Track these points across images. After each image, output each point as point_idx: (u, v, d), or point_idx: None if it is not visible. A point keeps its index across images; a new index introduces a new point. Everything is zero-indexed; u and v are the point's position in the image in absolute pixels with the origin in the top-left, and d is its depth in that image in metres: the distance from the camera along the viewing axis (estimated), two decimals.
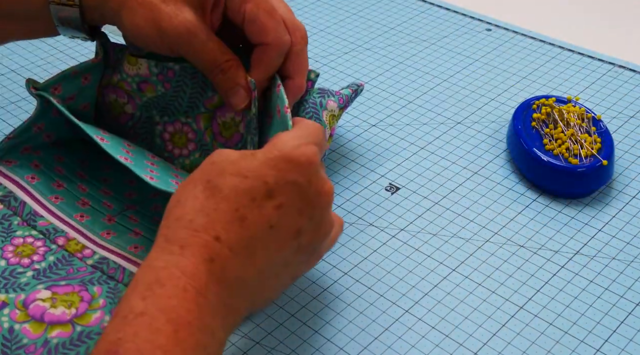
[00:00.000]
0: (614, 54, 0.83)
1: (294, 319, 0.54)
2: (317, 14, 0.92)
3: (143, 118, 0.61)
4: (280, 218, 0.45)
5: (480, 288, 0.56)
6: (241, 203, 0.44)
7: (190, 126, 0.60)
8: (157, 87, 0.59)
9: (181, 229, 0.44)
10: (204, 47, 0.54)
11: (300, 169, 0.46)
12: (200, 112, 0.59)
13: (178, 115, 0.60)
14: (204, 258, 0.43)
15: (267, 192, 0.45)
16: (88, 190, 0.58)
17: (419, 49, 0.85)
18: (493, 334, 0.53)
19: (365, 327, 0.54)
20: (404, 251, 0.60)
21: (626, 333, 0.53)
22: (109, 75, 0.60)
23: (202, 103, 0.59)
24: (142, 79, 0.59)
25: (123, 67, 0.59)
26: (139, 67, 0.59)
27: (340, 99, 0.62)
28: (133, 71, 0.59)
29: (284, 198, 0.45)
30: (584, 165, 0.63)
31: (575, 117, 0.67)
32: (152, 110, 0.61)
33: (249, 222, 0.44)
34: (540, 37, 0.87)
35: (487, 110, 0.75)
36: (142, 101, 0.60)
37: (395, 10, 0.93)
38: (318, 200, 0.47)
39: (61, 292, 0.50)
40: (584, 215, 0.63)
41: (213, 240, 0.43)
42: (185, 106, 0.60)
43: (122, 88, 0.60)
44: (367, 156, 0.69)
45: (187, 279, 0.42)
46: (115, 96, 0.60)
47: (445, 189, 0.66)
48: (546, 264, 0.58)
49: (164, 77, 0.59)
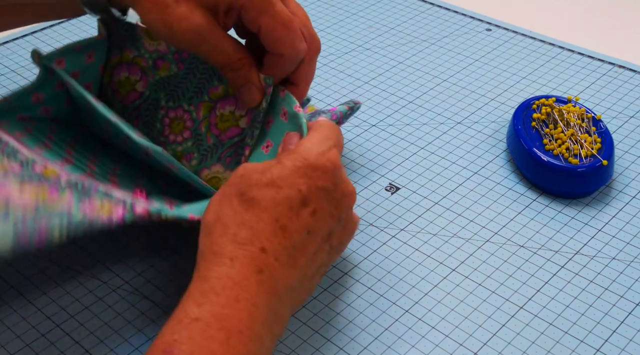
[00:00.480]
0: (614, 54, 0.83)
1: (294, 319, 0.54)
2: (317, 14, 0.92)
3: (150, 99, 0.61)
4: (315, 223, 0.48)
5: (480, 288, 0.56)
6: (280, 213, 0.46)
7: (191, 115, 0.60)
8: (172, 66, 0.59)
9: (227, 243, 0.45)
10: (214, 49, 0.53)
11: (327, 175, 0.48)
12: (204, 100, 0.59)
13: (182, 101, 0.60)
14: (253, 270, 0.45)
15: (302, 200, 0.47)
16: (74, 162, 0.56)
17: (419, 49, 0.85)
18: (493, 334, 0.53)
19: (365, 327, 0.54)
20: (404, 251, 0.60)
21: (626, 333, 0.53)
22: (117, 54, 0.60)
23: (206, 91, 0.59)
24: (159, 55, 0.59)
25: (142, 43, 0.59)
26: (159, 43, 0.59)
27: (333, 116, 0.63)
28: (153, 47, 0.59)
29: (317, 204, 0.48)
30: (584, 165, 0.63)
31: (575, 117, 0.67)
32: (160, 92, 0.60)
33: (290, 231, 0.46)
34: (540, 37, 0.87)
35: (487, 110, 0.75)
36: (154, 79, 0.60)
37: (395, 10, 0.93)
38: (344, 201, 0.49)
39: (28, 186, 0.48)
40: (584, 215, 0.63)
41: (259, 252, 0.45)
42: (192, 91, 0.60)
43: (138, 64, 0.60)
44: (367, 156, 0.69)
45: (239, 289, 0.44)
46: (127, 74, 0.60)
47: (445, 189, 0.66)
48: (546, 264, 0.58)
49: (179, 57, 0.59)
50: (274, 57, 0.55)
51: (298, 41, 0.54)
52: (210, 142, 0.58)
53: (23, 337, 0.53)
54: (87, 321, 0.54)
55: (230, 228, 0.46)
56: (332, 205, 0.48)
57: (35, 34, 0.88)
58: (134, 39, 0.60)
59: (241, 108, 0.58)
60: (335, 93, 0.78)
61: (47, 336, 0.53)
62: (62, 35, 0.88)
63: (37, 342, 0.52)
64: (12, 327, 0.53)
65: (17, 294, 0.56)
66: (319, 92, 0.78)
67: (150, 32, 0.59)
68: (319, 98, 0.77)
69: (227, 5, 0.53)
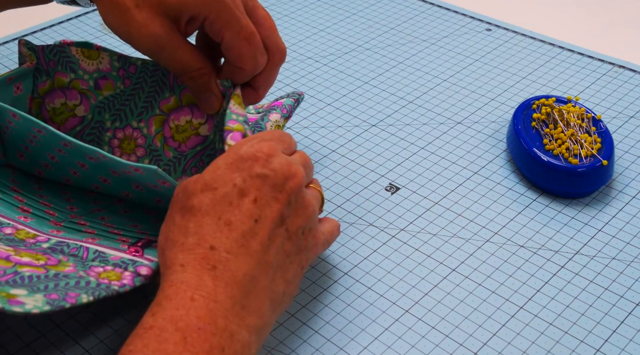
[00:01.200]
0: (614, 54, 0.83)
1: (294, 319, 0.54)
2: (317, 14, 0.92)
3: (93, 123, 0.59)
4: (260, 210, 0.47)
5: (480, 288, 0.56)
6: (221, 211, 0.47)
7: (141, 131, 0.58)
8: (117, 84, 0.58)
9: (177, 253, 0.46)
10: (173, 58, 0.54)
11: (259, 163, 0.48)
12: (155, 114, 0.58)
13: (130, 119, 0.59)
14: (205, 268, 0.45)
15: (239, 192, 0.47)
16: (31, 211, 0.56)
17: (419, 49, 0.85)
18: (493, 334, 0.53)
19: (365, 327, 0.54)
20: (404, 251, 0.60)
21: (626, 333, 0.53)
22: (45, 81, 0.58)
23: (157, 104, 0.58)
24: (101, 74, 0.58)
25: (79, 64, 0.58)
26: (100, 61, 0.57)
27: (283, 110, 0.64)
28: (92, 66, 0.58)
29: (256, 192, 0.48)
30: (584, 165, 0.63)
31: (575, 117, 0.67)
32: (105, 114, 0.59)
33: (235, 223, 0.47)
34: (540, 37, 0.87)
35: (487, 110, 0.75)
36: (96, 101, 0.58)
37: (395, 10, 0.93)
38: (288, 184, 0.49)
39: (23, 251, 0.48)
40: (584, 215, 0.63)
41: (209, 251, 0.46)
42: (140, 107, 0.58)
43: (76, 88, 0.58)
44: (367, 156, 0.69)
45: (194, 289, 0.44)
46: (64, 99, 0.58)
47: (445, 189, 0.66)
48: (546, 264, 0.58)
49: (125, 73, 0.58)
50: (234, 70, 0.55)
51: (259, 55, 0.55)
52: (170, 155, 0.57)
53: (23, 337, 0.53)
54: (87, 321, 0.54)
55: (178, 240, 0.47)
56: (275, 190, 0.48)
57: (35, 33, 0.88)
58: (68, 62, 0.58)
59: (199, 117, 0.58)
60: (335, 93, 0.78)
61: (47, 336, 0.53)
62: (62, 35, 0.88)
63: (37, 342, 0.52)
64: (12, 327, 0.53)
65: None
66: (319, 92, 0.78)
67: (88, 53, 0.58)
68: (319, 98, 0.77)
69: (190, 16, 0.53)
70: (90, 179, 0.56)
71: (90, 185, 0.57)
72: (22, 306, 0.42)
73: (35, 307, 0.42)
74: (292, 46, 0.86)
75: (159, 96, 0.58)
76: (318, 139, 0.72)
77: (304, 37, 0.88)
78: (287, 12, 0.93)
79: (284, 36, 0.88)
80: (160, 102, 0.58)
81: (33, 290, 0.44)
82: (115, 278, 0.49)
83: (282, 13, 0.93)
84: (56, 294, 0.44)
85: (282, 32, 0.88)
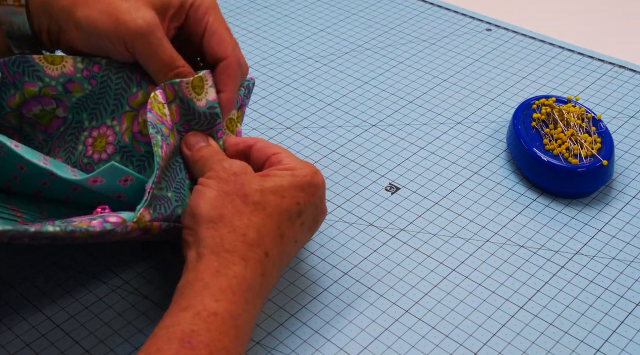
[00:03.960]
0: (614, 54, 0.83)
1: (294, 319, 0.54)
2: (317, 14, 0.92)
3: (74, 122, 0.59)
4: (301, 234, 0.52)
5: (480, 288, 0.56)
6: (282, 221, 0.50)
7: (114, 129, 0.58)
8: (84, 85, 0.57)
9: (238, 242, 0.48)
10: (162, 45, 0.53)
11: (318, 193, 0.52)
12: (125, 110, 0.58)
13: (105, 117, 0.58)
14: (259, 273, 0.48)
15: (298, 212, 0.51)
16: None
17: (419, 49, 0.85)
18: (493, 334, 0.53)
19: (365, 327, 0.54)
20: (404, 251, 0.60)
21: (626, 333, 0.53)
22: (14, 94, 0.57)
23: (126, 101, 0.58)
24: (67, 78, 0.57)
25: (44, 71, 0.57)
26: (64, 65, 0.57)
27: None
28: (57, 72, 0.57)
29: (305, 217, 0.51)
30: (584, 165, 0.63)
31: (575, 117, 0.67)
32: (83, 113, 0.58)
33: (286, 239, 0.50)
34: (540, 37, 0.87)
35: (487, 110, 0.75)
36: (71, 103, 0.58)
37: (395, 10, 0.93)
38: (320, 219, 0.54)
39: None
40: (584, 215, 0.63)
41: (264, 256, 0.48)
42: (112, 105, 0.58)
43: (47, 94, 0.58)
44: (367, 156, 0.69)
45: (249, 291, 0.47)
46: (40, 106, 0.58)
47: (445, 189, 0.66)
48: (546, 264, 0.58)
49: (89, 73, 0.57)
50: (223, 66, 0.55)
51: (237, 47, 0.55)
52: (142, 151, 0.57)
53: (23, 337, 0.53)
54: (87, 321, 0.54)
55: (239, 228, 0.48)
56: (313, 221, 0.53)
57: None
58: (33, 71, 0.57)
59: None
60: (335, 93, 0.78)
61: (47, 336, 0.53)
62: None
63: (37, 342, 0.52)
64: (12, 327, 0.53)
65: (17, 295, 0.56)
66: (319, 92, 0.78)
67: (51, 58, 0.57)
68: (319, 98, 0.77)
69: (179, 3, 0.54)
70: (59, 191, 0.55)
71: (60, 196, 0.56)
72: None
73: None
74: (292, 46, 0.86)
75: (126, 92, 0.57)
76: (318, 139, 0.72)
77: (304, 37, 0.88)
78: (287, 12, 0.93)
79: (284, 36, 0.88)
80: (128, 98, 0.57)
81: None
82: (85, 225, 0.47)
83: (282, 13, 0.93)
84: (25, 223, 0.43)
85: (282, 32, 0.88)
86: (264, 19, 0.92)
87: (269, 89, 0.79)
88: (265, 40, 0.87)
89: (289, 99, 0.77)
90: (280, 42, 0.87)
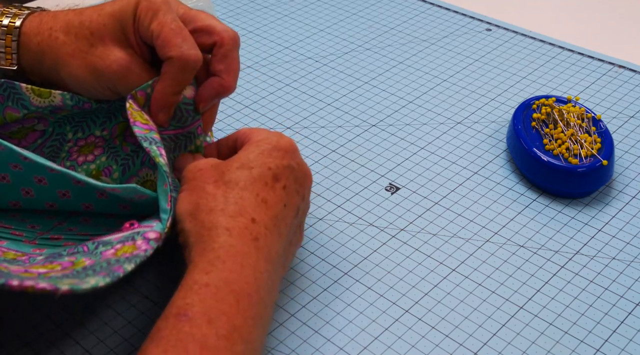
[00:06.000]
0: (614, 54, 0.83)
1: (294, 319, 0.54)
2: (317, 14, 0.92)
3: (54, 135, 0.58)
4: (288, 197, 0.52)
5: (480, 288, 0.56)
6: (259, 188, 0.50)
7: (104, 138, 0.58)
8: (73, 111, 0.57)
9: (219, 217, 0.48)
10: (140, 79, 0.55)
11: (290, 155, 0.53)
12: (119, 121, 0.58)
13: (93, 129, 0.58)
14: (249, 238, 0.48)
15: (273, 176, 0.51)
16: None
17: (419, 49, 0.85)
18: (493, 334, 0.53)
19: (365, 327, 0.54)
20: (404, 251, 0.60)
21: (626, 333, 0.53)
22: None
23: (120, 114, 0.58)
24: (55, 108, 0.56)
25: (29, 101, 0.55)
26: (52, 99, 0.56)
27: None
28: (45, 103, 0.56)
29: (285, 180, 0.52)
30: (584, 165, 0.63)
31: (575, 117, 0.67)
32: (66, 126, 0.58)
33: (271, 203, 0.50)
34: (540, 37, 0.87)
35: (487, 110, 0.75)
36: (55, 119, 0.57)
37: (395, 10, 0.93)
38: (306, 181, 0.54)
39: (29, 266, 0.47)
40: (584, 215, 0.63)
41: (251, 222, 0.49)
42: (103, 117, 0.58)
43: (30, 117, 0.57)
44: (367, 156, 0.69)
45: (242, 256, 0.47)
46: (19, 126, 0.57)
47: (445, 189, 0.66)
48: (546, 264, 0.58)
49: (80, 108, 0.57)
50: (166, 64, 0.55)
51: (187, 46, 0.55)
52: (128, 150, 0.57)
53: (23, 337, 0.53)
54: (87, 321, 0.54)
55: (217, 205, 0.49)
56: (297, 183, 0.53)
57: None
58: (19, 98, 0.56)
59: None
60: (335, 93, 0.78)
61: (47, 336, 0.53)
62: None
63: (37, 342, 0.52)
64: (12, 327, 0.53)
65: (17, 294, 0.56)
66: (319, 92, 0.78)
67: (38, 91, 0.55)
68: (319, 98, 0.77)
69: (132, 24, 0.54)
70: (45, 197, 0.54)
71: (43, 205, 0.55)
72: (87, 283, 0.42)
73: (97, 282, 0.42)
74: (292, 46, 0.86)
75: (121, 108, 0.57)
76: (318, 139, 0.72)
77: (304, 37, 0.88)
78: (287, 12, 0.93)
79: (284, 36, 0.88)
80: (123, 113, 0.57)
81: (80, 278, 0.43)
82: (132, 250, 0.47)
83: (282, 13, 0.93)
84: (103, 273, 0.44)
85: (282, 32, 0.88)
86: (264, 19, 0.92)
87: (269, 89, 0.79)
88: (265, 40, 0.87)
89: (289, 99, 0.77)
90: (280, 42, 0.87)
